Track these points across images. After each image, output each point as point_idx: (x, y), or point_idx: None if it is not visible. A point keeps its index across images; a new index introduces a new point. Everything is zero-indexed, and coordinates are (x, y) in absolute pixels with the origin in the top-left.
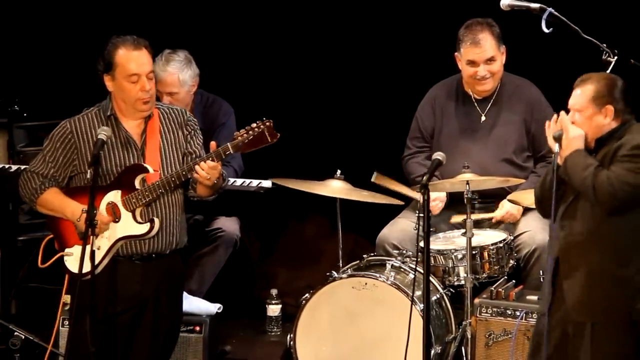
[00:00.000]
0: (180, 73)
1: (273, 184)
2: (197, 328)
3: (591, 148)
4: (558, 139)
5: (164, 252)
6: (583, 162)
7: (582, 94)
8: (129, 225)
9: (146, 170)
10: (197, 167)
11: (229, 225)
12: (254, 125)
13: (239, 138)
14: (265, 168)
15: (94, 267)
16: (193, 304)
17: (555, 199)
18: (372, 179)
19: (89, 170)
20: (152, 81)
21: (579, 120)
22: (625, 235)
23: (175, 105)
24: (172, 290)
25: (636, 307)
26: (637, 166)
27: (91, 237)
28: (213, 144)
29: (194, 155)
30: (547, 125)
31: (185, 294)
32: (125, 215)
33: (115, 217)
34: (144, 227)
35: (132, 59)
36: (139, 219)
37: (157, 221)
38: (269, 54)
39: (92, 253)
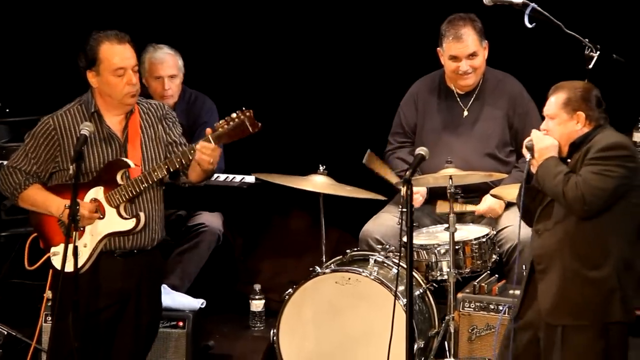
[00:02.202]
0: (178, 56)
1: (256, 179)
2: (181, 323)
3: (564, 155)
4: (530, 148)
5: (145, 247)
6: (554, 170)
7: (554, 102)
8: (114, 222)
9: (127, 165)
10: (199, 152)
11: (212, 220)
12: (234, 115)
13: (220, 129)
14: (248, 163)
15: (77, 262)
16: (176, 299)
17: (533, 205)
18: (364, 160)
19: (71, 167)
20: (137, 74)
21: (552, 127)
22: (597, 239)
23: (169, 92)
24: (152, 285)
25: (608, 311)
26: (604, 168)
27: (74, 232)
28: (208, 130)
29: (175, 144)
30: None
31: (168, 289)
32: (110, 211)
33: (100, 213)
34: (130, 223)
35: (116, 53)
36: (124, 214)
37: (142, 216)
38: (251, 49)
39: (75, 248)
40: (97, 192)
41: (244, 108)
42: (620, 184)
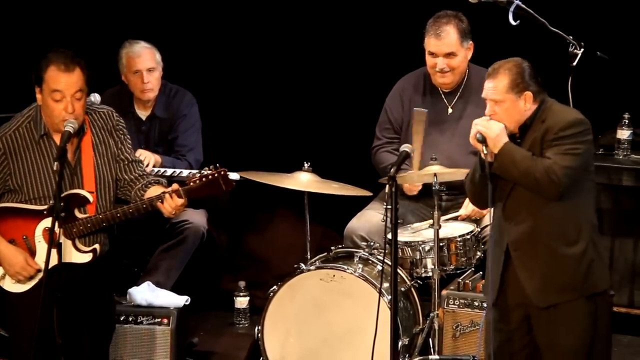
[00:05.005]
0: (155, 50)
1: (241, 176)
2: (165, 320)
3: (515, 133)
4: (483, 141)
5: (99, 257)
6: (516, 156)
7: (497, 86)
8: (69, 253)
9: (87, 201)
10: (166, 203)
11: (196, 217)
12: (208, 172)
13: (192, 184)
14: (233, 160)
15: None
16: (160, 296)
17: (485, 191)
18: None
19: (55, 163)
20: (78, 102)
21: (499, 111)
22: (569, 215)
23: (148, 85)
24: (102, 288)
25: (593, 282)
26: (569, 147)
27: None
28: (175, 185)
29: (126, 162)
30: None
31: (152, 287)
32: (65, 242)
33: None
34: (87, 257)
35: (59, 78)
36: (80, 246)
37: (98, 249)
38: (235, 46)
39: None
40: (52, 222)
41: (218, 165)
42: (585, 159)
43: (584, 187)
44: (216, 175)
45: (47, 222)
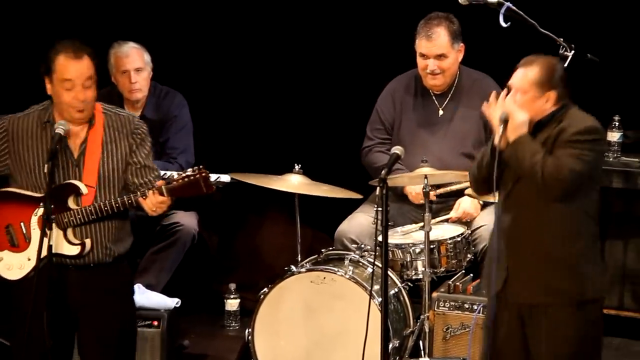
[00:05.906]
0: (143, 50)
1: (232, 177)
2: (155, 323)
3: (530, 130)
4: (504, 121)
5: (102, 261)
6: (530, 148)
7: (525, 76)
8: (59, 244)
9: (80, 192)
10: (148, 200)
11: (187, 219)
12: (190, 172)
13: (174, 183)
14: (223, 162)
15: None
16: (151, 298)
17: (495, 181)
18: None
19: (46, 165)
20: (89, 90)
21: (519, 101)
22: (569, 219)
23: (136, 85)
24: (117, 296)
25: (582, 289)
26: (581, 152)
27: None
28: (159, 182)
29: (138, 166)
30: (488, 105)
31: (143, 289)
32: (57, 232)
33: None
34: (75, 249)
35: (69, 66)
36: (70, 238)
37: (88, 243)
38: (226, 47)
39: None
40: (42, 222)
41: (201, 166)
42: (592, 167)
43: (587, 195)
44: (197, 176)
45: (42, 211)
